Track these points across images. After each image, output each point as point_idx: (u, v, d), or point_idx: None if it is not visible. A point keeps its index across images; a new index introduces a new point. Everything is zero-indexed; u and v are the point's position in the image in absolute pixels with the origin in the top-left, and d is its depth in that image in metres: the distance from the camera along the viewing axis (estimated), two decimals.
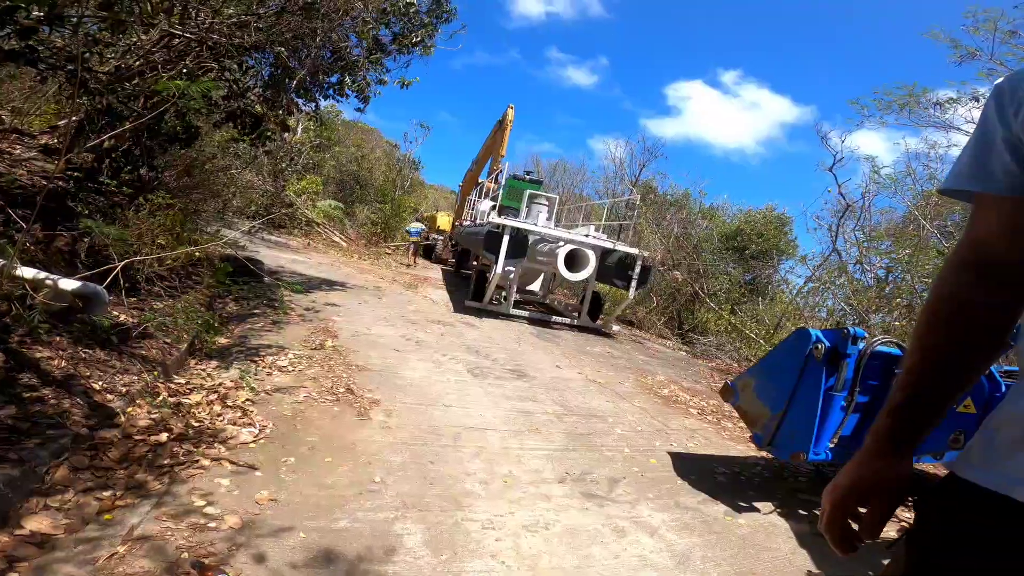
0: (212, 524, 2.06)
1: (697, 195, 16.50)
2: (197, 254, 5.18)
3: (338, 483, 2.62)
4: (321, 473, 2.69)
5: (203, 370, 3.75)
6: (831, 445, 3.21)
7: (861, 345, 3.12)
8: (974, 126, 0.82)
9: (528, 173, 14.85)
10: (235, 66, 5.74)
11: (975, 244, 0.79)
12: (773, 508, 3.31)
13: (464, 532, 2.43)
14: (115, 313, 3.68)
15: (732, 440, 4.62)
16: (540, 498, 2.90)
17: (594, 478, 3.29)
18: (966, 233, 0.82)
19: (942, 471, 4.14)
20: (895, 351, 3.31)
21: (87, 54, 4.11)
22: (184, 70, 5.34)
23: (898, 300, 8.09)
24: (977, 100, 7.80)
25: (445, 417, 3.83)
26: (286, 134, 9.37)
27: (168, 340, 3.79)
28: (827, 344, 3.09)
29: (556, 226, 10.41)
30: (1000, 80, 0.79)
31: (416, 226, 16.57)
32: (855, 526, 0.82)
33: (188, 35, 4.98)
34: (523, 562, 2.30)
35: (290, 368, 4.18)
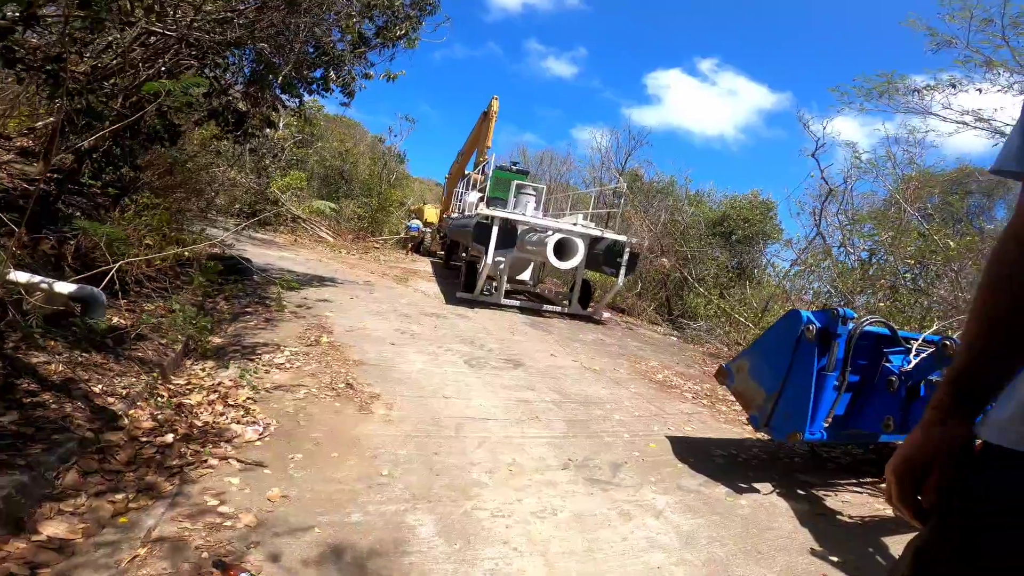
0: (228, 523, 2.08)
1: (683, 182, 16.61)
2: (186, 254, 5.12)
3: (347, 477, 2.65)
4: (329, 468, 2.71)
5: (200, 370, 3.73)
6: (825, 425, 3.30)
7: (850, 326, 3.20)
8: (951, 111, 0.88)
9: (514, 164, 14.85)
10: (216, 63, 5.64)
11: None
12: (772, 488, 3.40)
13: (475, 521, 2.47)
14: (109, 316, 3.64)
15: (728, 423, 4.72)
16: (546, 485, 2.95)
17: (597, 464, 3.35)
18: (1017, 210, 0.85)
19: None
20: (883, 331, 3.40)
21: (65, 54, 4.01)
22: (163, 68, 5.25)
23: (882, 281, 8.26)
24: (954, 87, 7.95)
25: (446, 408, 3.86)
26: (269, 130, 9.22)
27: (163, 341, 3.77)
28: (818, 325, 3.16)
29: (544, 215, 10.44)
30: None
31: (415, 223, 18.13)
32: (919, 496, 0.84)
33: (168, 32, 4.89)
34: (534, 547, 2.34)
35: (288, 365, 4.17)
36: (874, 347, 3.41)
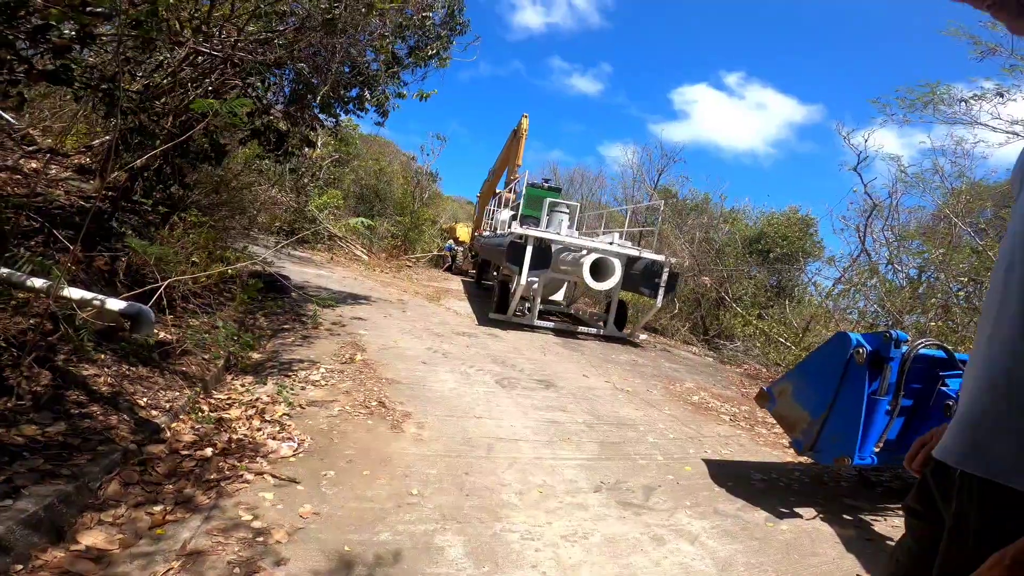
0: (260, 538, 2.09)
1: (718, 199, 16.36)
2: (230, 271, 5.29)
3: (377, 496, 2.64)
4: (360, 486, 2.71)
5: (240, 385, 3.82)
6: (876, 450, 3.14)
7: (904, 348, 3.05)
8: (1000, 121, 0.86)
9: (547, 181, 14.89)
10: (258, 83, 5.87)
11: None
12: (816, 514, 3.24)
13: (504, 543, 2.43)
14: (156, 331, 3.77)
15: (767, 446, 4.54)
16: (576, 507, 2.88)
17: (629, 487, 3.26)
18: None
19: None
20: (939, 353, 3.23)
21: (120, 72, 4.24)
22: (210, 88, 5.48)
23: (932, 300, 7.89)
24: (1002, 96, 7.63)
25: (477, 428, 3.83)
26: (308, 149, 9.52)
27: (206, 356, 3.87)
28: (868, 348, 3.02)
29: (578, 234, 10.36)
30: None
31: (451, 243, 19.56)
32: None
33: (214, 52, 5.12)
34: (564, 572, 2.28)
35: (323, 382, 4.23)
36: (928, 370, 3.24)
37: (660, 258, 8.50)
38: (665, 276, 8.30)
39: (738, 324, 10.92)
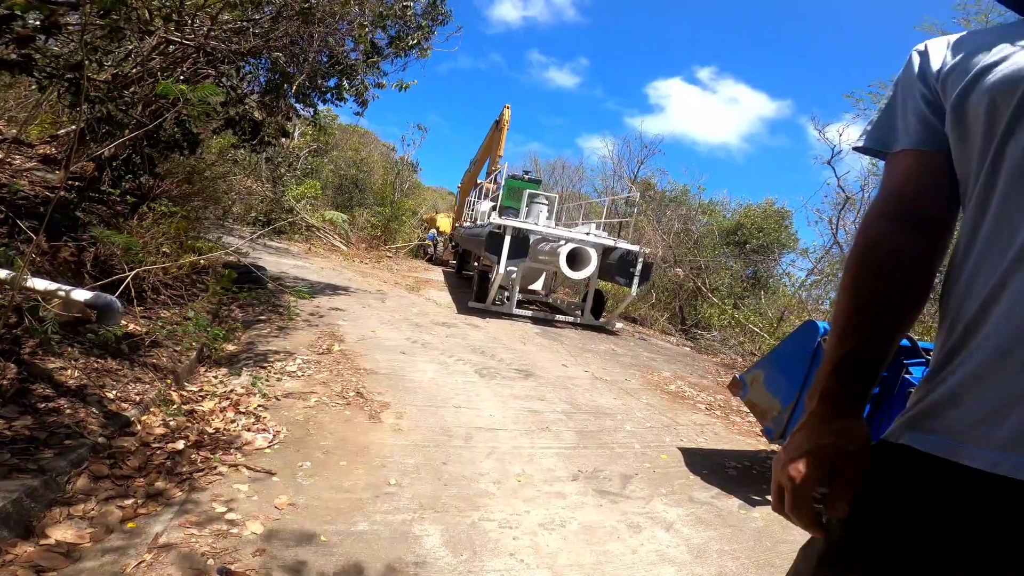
0: (234, 530, 2.07)
1: (696, 191, 16.53)
2: (202, 262, 5.19)
3: (354, 486, 2.64)
4: (337, 477, 2.70)
5: (213, 377, 3.76)
6: None
7: None
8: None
9: (527, 173, 14.86)
10: (232, 72, 5.74)
11: (892, 194, 0.82)
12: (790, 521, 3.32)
13: (482, 532, 2.45)
14: (124, 322, 3.69)
15: (741, 434, 4.64)
16: (554, 496, 2.92)
17: (607, 475, 3.31)
18: (883, 185, 0.85)
19: None
20: (903, 342, 3.33)
21: (86, 62, 4.11)
22: (182, 77, 5.34)
23: None
24: None
25: (455, 418, 3.84)
26: (284, 139, 9.36)
27: (178, 348, 3.80)
28: None
29: (556, 225, 10.43)
30: (921, 44, 0.83)
31: (432, 232, 19.30)
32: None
33: (186, 42, 4.98)
34: (542, 560, 2.31)
35: (299, 373, 4.19)
36: (894, 358, 3.33)
37: (635, 248, 8.65)
38: (640, 266, 8.48)
39: (715, 314, 11.10)
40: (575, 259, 8.02)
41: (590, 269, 8.21)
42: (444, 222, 19.13)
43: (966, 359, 0.66)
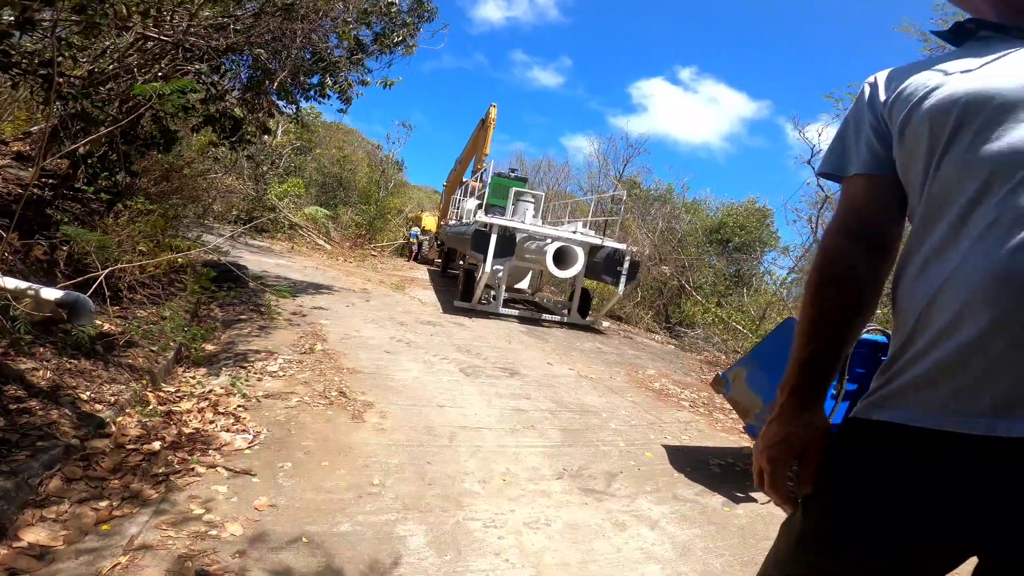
0: (213, 532, 2.03)
1: (680, 190, 16.66)
2: (180, 260, 5.09)
3: (337, 487, 2.60)
4: (319, 477, 2.66)
5: (192, 378, 3.69)
6: None
7: None
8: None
9: (513, 171, 14.85)
10: (207, 70, 5.64)
11: (847, 212, 0.93)
12: (769, 498, 3.35)
13: (466, 531, 2.43)
14: (99, 322, 3.60)
15: (725, 431, 4.68)
16: (539, 495, 2.91)
17: (591, 473, 3.31)
18: (840, 203, 0.96)
19: None
20: (880, 339, 3.38)
21: (60, 58, 4.00)
22: (160, 73, 5.23)
23: None
24: None
25: (440, 417, 3.81)
26: (266, 137, 9.23)
27: (155, 348, 3.73)
28: None
29: (543, 223, 10.42)
30: (872, 76, 0.93)
31: (416, 230, 19.17)
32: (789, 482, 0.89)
33: (164, 38, 4.88)
34: (527, 559, 2.30)
35: (281, 373, 4.13)
36: (871, 355, 3.38)
37: (621, 247, 8.66)
38: (627, 264, 8.48)
39: (698, 312, 11.19)
40: (562, 258, 8.02)
41: (577, 268, 8.20)
42: (430, 220, 19.03)
43: (932, 343, 0.74)
